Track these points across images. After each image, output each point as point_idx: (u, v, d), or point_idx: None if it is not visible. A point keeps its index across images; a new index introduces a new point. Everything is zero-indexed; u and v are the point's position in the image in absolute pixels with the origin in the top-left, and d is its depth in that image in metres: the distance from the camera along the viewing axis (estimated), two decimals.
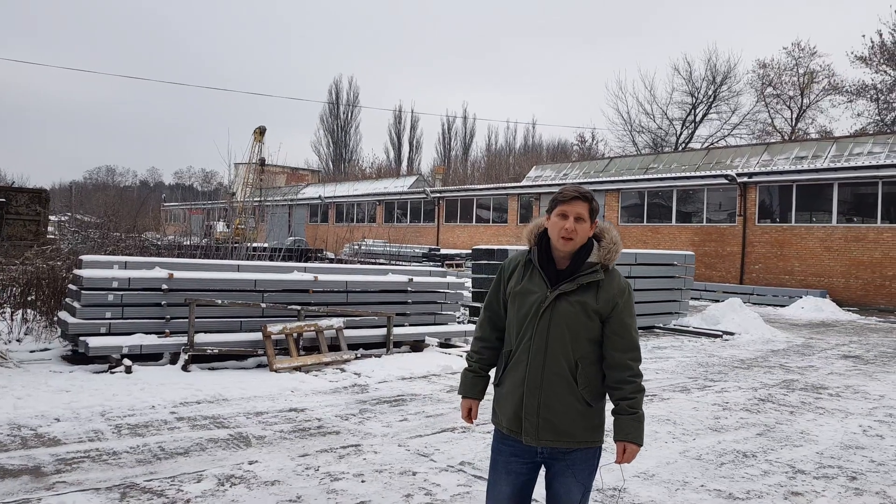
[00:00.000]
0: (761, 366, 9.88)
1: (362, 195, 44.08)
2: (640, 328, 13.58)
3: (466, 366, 2.90)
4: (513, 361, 2.67)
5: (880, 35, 37.83)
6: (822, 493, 4.56)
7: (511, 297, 2.72)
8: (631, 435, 2.58)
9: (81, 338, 7.70)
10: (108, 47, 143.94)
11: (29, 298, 10.01)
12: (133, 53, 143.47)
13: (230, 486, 4.34)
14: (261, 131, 37.82)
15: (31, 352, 8.43)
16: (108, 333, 7.82)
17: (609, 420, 2.66)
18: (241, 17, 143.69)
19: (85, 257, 8.41)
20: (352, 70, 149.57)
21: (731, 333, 13.03)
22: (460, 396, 2.89)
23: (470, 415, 2.86)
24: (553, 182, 32.24)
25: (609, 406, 2.68)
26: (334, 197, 45.56)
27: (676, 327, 13.97)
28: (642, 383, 2.64)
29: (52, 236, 21.59)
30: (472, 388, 2.86)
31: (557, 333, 2.57)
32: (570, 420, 2.57)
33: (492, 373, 2.85)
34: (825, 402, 7.51)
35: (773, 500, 4.40)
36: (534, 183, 33.38)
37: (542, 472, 2.73)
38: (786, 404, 7.31)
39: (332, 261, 23.03)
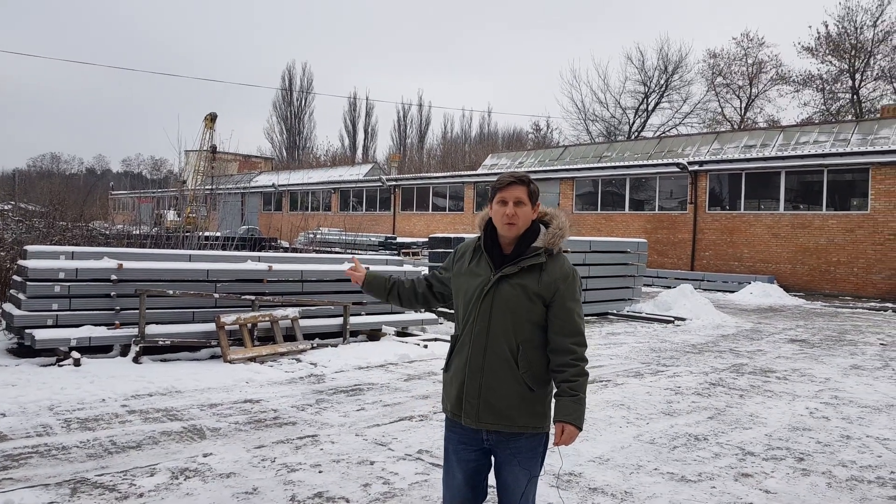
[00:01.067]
0: (712, 350, 10.14)
1: (317, 183, 43.59)
2: (593, 314, 13.82)
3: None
4: (458, 345, 2.71)
5: (826, 26, 39.06)
6: (771, 475, 4.71)
7: (457, 280, 2.77)
8: (570, 416, 2.55)
9: (27, 330, 7.46)
10: (51, 30, 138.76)
11: None
12: (78, 36, 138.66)
13: (185, 480, 4.27)
14: (212, 118, 37.04)
15: None
16: (56, 325, 7.60)
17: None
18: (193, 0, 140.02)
19: (30, 248, 8.13)
20: (306, 56, 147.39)
21: (683, 319, 13.32)
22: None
23: (356, 269, 3.06)
24: (509, 170, 32.38)
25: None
26: (288, 185, 44.96)
27: (630, 313, 14.23)
28: (586, 368, 2.64)
29: None
30: (376, 273, 3.10)
31: (499, 316, 2.58)
32: (510, 403, 2.58)
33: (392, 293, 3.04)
34: (773, 385, 7.74)
35: (724, 482, 4.52)
36: (489, 171, 33.47)
37: None
38: (736, 388, 7.52)
39: (286, 250, 22.76)
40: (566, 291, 2.61)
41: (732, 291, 20.06)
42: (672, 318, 13.36)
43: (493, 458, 2.71)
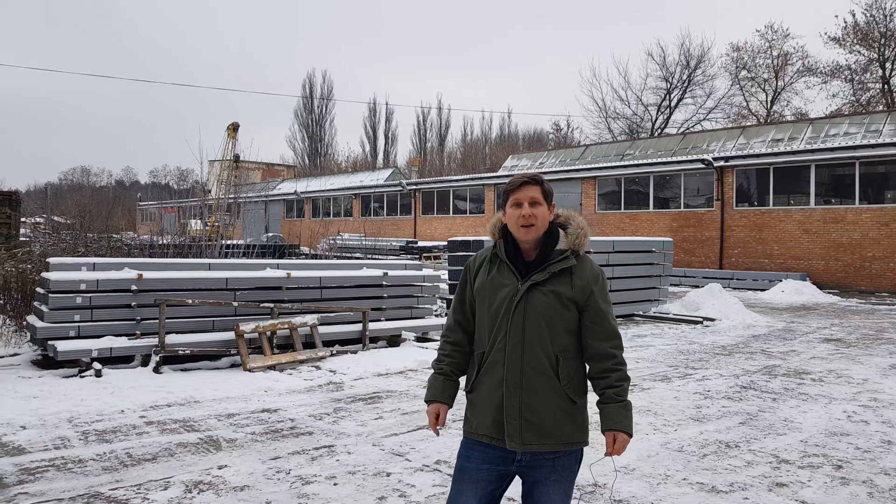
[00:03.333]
0: (743, 352, 9.85)
1: (338, 189, 43.76)
2: (619, 316, 13.56)
3: (435, 370, 2.69)
4: (487, 363, 2.50)
5: (853, 15, 38.23)
6: (808, 484, 4.48)
7: (479, 294, 2.56)
8: (621, 424, 2.43)
9: (50, 342, 7.50)
10: (78, 46, 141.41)
11: None
12: (103, 51, 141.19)
13: (198, 493, 4.18)
14: (234, 128, 37.36)
15: (1, 357, 8.20)
16: (77, 337, 7.63)
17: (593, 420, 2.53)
18: (212, 11, 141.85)
19: (52, 260, 8.17)
20: (325, 63, 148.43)
21: (712, 319, 13.02)
22: (426, 403, 2.68)
23: (437, 421, 2.63)
24: (530, 171, 32.14)
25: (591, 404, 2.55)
26: (310, 192, 45.21)
27: (656, 314, 13.95)
28: (627, 372, 2.52)
29: (25, 239, 21.17)
30: (442, 392, 2.63)
31: (534, 327, 2.42)
32: (554, 420, 2.43)
33: (462, 379, 2.67)
34: (808, 387, 7.47)
35: (757, 492, 4.31)
36: (510, 172, 33.28)
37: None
38: (768, 391, 7.26)
39: (307, 256, 22.80)
40: (600, 293, 2.49)
41: (763, 290, 19.64)
42: (700, 319, 13.05)
43: (522, 479, 2.53)
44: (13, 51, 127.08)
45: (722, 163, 23.20)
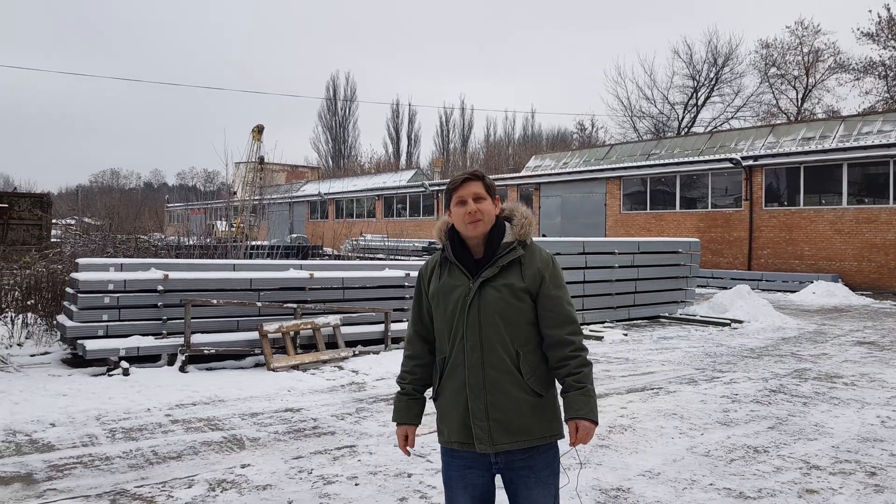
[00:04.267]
0: (772, 354, 9.67)
1: (361, 190, 43.95)
2: (644, 317, 13.44)
3: (399, 388, 2.65)
4: (449, 367, 2.47)
5: (888, 9, 37.24)
6: (840, 491, 4.36)
7: (434, 300, 2.52)
8: (582, 411, 2.36)
9: (79, 341, 7.63)
10: (107, 53, 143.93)
11: (29, 302, 9.94)
12: (131, 55, 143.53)
13: (221, 492, 4.20)
14: (259, 130, 37.71)
15: (32, 356, 8.37)
16: (106, 336, 7.74)
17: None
18: (233, 13, 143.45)
19: (81, 260, 8.30)
20: (349, 65, 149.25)
21: (740, 321, 12.81)
22: (394, 424, 2.64)
23: (407, 442, 2.60)
24: (553, 171, 31.93)
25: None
26: (333, 193, 45.44)
27: (683, 316, 13.77)
28: (588, 357, 2.45)
29: (56, 240, 21.57)
30: (406, 413, 2.60)
31: (490, 324, 2.38)
32: (521, 417, 2.38)
33: (428, 393, 2.63)
34: (840, 391, 7.30)
35: (786, 499, 4.21)
36: (533, 173, 33.11)
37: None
38: (798, 395, 7.11)
39: (330, 257, 22.94)
40: (551, 279, 2.44)
41: (793, 291, 19.29)
42: (728, 321, 12.85)
43: (503, 482, 2.49)
44: (52, 58, 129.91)
45: (751, 162, 22.85)
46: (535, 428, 2.40)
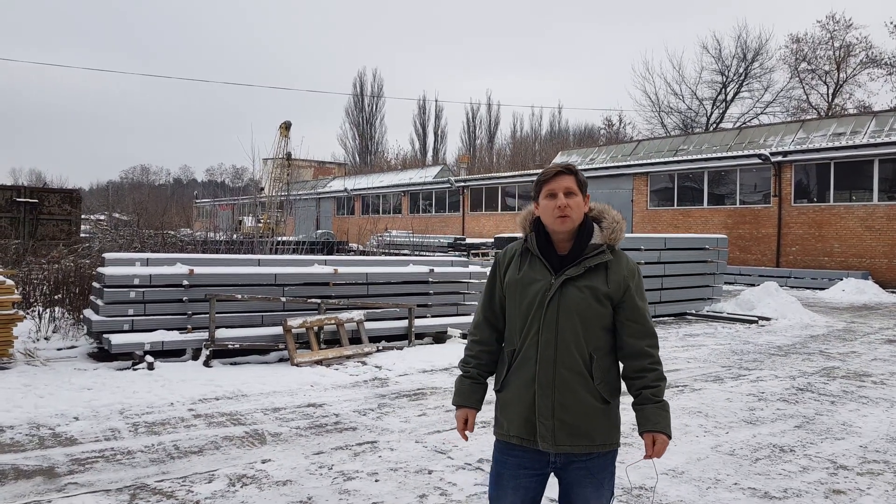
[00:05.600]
0: (799, 352, 9.50)
1: (387, 186, 44.06)
2: (670, 314, 13.29)
3: (462, 372, 2.59)
4: (518, 360, 2.42)
5: None
6: (867, 492, 4.26)
7: (509, 290, 2.47)
8: (660, 425, 2.35)
9: (105, 335, 7.71)
10: (138, 51, 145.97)
11: (57, 297, 10.11)
12: (160, 50, 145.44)
13: (241, 487, 4.22)
14: (286, 126, 37.97)
15: (59, 350, 8.48)
16: (131, 330, 7.82)
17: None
18: (261, 6, 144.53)
19: (107, 255, 8.41)
20: (375, 61, 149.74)
21: (768, 319, 12.60)
22: (454, 406, 2.60)
23: (466, 426, 2.54)
24: (580, 168, 31.70)
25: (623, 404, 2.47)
26: (360, 189, 45.63)
27: (709, 313, 13.58)
28: (664, 372, 2.43)
29: (85, 235, 21.94)
30: (469, 396, 2.55)
31: (568, 323, 2.33)
32: (588, 420, 2.35)
33: (490, 380, 2.59)
34: (869, 390, 7.14)
35: (812, 499, 4.12)
36: None
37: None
38: (826, 394, 6.97)
39: (356, 252, 23.03)
40: (636, 290, 2.41)
41: (822, 289, 18.95)
42: (756, 318, 12.65)
43: (558, 480, 2.47)
44: (82, 55, 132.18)
45: (780, 158, 22.46)
46: (597, 434, 2.37)
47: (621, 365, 2.49)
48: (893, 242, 19.93)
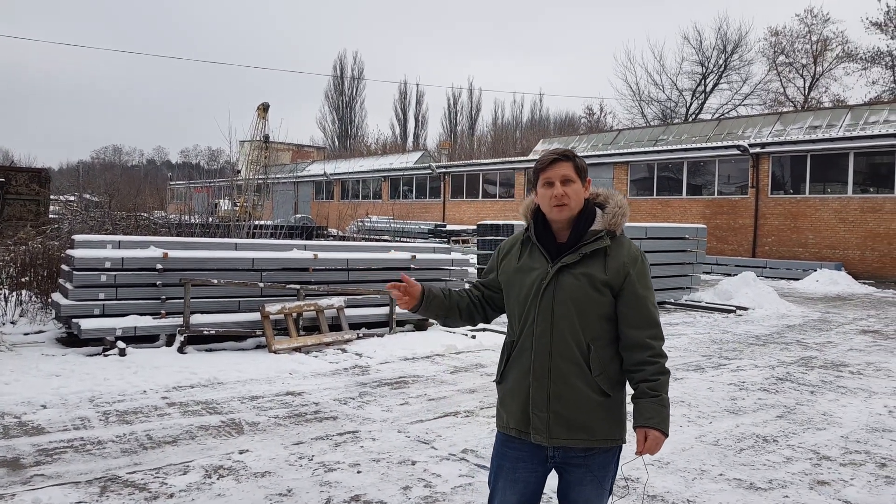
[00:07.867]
0: (777, 342, 9.55)
1: (367, 171, 43.66)
2: None
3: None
4: (516, 351, 2.35)
5: None
6: (851, 482, 4.25)
7: (508, 280, 2.41)
8: (654, 420, 2.23)
9: (74, 319, 7.48)
10: (112, 27, 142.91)
11: (24, 279, 9.80)
12: (132, 26, 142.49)
13: (217, 479, 4.08)
14: (264, 108, 37.35)
15: (26, 334, 8.22)
16: (102, 315, 7.59)
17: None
18: None
19: (77, 237, 8.14)
20: (356, 44, 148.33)
21: (745, 308, 12.69)
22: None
23: (399, 287, 2.41)
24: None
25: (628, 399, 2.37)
26: (339, 174, 45.15)
27: (688, 302, 13.64)
28: (666, 365, 2.32)
29: (54, 216, 21.41)
30: (432, 289, 2.49)
31: (563, 311, 2.24)
32: (584, 413, 2.25)
33: (454, 308, 2.52)
34: (847, 380, 7.18)
35: (797, 490, 4.10)
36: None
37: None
38: (805, 383, 7.00)
39: (335, 238, 22.81)
40: (637, 277, 2.29)
41: (797, 279, 19.15)
42: (733, 308, 12.73)
43: (558, 476, 2.39)
44: (52, 28, 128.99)
45: (758, 149, 22.60)
46: (597, 428, 2.27)
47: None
48: (866, 235, 20.21)
